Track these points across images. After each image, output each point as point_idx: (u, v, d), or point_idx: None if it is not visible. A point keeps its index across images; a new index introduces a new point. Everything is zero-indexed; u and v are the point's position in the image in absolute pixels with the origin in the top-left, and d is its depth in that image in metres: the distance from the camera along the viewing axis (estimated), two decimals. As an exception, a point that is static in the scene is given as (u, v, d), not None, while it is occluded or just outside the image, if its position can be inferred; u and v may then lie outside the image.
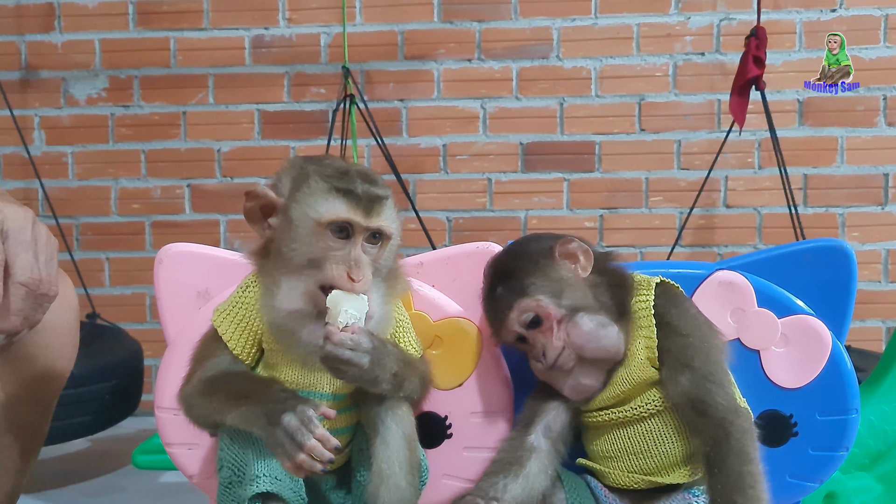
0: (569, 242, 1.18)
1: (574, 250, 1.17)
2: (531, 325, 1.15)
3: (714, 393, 1.11)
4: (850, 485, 1.48)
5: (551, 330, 1.14)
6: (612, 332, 1.14)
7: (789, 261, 1.27)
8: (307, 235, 1.06)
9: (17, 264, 0.90)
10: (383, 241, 1.09)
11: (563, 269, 1.16)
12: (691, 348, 1.13)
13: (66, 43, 2.88)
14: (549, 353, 1.14)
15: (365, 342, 1.03)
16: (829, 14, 2.70)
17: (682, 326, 1.15)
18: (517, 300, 1.15)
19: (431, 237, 2.48)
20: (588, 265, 1.18)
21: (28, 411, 1.18)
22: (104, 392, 2.00)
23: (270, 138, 2.84)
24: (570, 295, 1.14)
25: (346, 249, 1.06)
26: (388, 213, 1.10)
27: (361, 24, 2.81)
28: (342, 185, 1.06)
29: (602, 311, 1.15)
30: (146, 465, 1.93)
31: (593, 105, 2.76)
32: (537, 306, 1.14)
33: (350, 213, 1.05)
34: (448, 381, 1.27)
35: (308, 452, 0.98)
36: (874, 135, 2.69)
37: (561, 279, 1.15)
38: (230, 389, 1.08)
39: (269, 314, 1.09)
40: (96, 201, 2.88)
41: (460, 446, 1.28)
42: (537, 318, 1.15)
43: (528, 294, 1.14)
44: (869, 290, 2.68)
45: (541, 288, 1.14)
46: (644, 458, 1.17)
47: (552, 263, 1.16)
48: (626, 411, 1.16)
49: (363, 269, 1.05)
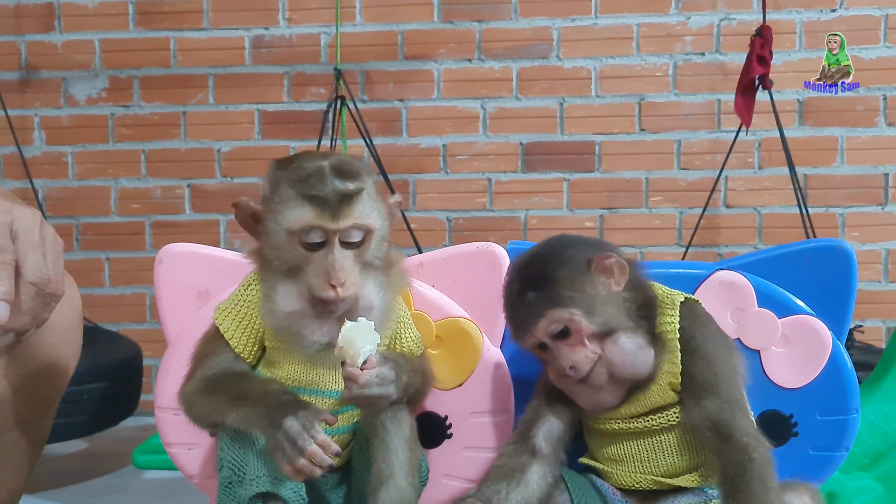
0: (607, 258, 1.14)
1: (611, 266, 1.14)
2: (558, 336, 1.12)
3: (738, 418, 1.09)
4: (850, 485, 1.48)
5: (581, 344, 1.11)
6: (648, 356, 1.13)
7: (789, 261, 1.27)
8: (283, 244, 1.06)
9: (26, 264, 0.90)
10: (365, 234, 1.07)
11: (598, 284, 1.13)
12: (717, 375, 1.12)
13: (66, 43, 2.88)
14: (582, 366, 1.11)
15: (388, 373, 1.04)
16: (829, 14, 2.70)
17: (709, 352, 1.13)
18: (550, 310, 1.11)
19: (430, 237, 2.48)
20: (622, 280, 1.14)
21: (32, 409, 1.18)
22: (97, 392, 1.99)
23: (270, 138, 2.84)
24: (603, 311, 1.12)
25: (324, 253, 1.04)
26: (363, 206, 1.06)
27: (361, 24, 2.81)
28: (308, 190, 1.04)
29: (636, 330, 1.13)
30: (146, 465, 1.92)
31: (593, 105, 2.76)
32: (570, 319, 1.11)
33: (318, 219, 1.03)
34: (448, 381, 1.27)
35: (309, 458, 0.98)
36: (874, 135, 2.69)
37: (596, 294, 1.12)
38: (231, 390, 1.08)
39: (269, 318, 1.09)
40: (96, 201, 2.88)
41: (460, 446, 1.28)
42: (567, 329, 1.12)
43: (564, 305, 1.11)
44: (869, 290, 2.68)
45: (577, 301, 1.11)
46: (653, 464, 1.17)
47: (588, 276, 1.13)
48: (641, 423, 1.16)
49: (343, 273, 1.03)
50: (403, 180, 2.76)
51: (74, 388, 1.87)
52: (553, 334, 1.12)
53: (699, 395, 1.11)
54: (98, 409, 2.02)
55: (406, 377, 1.09)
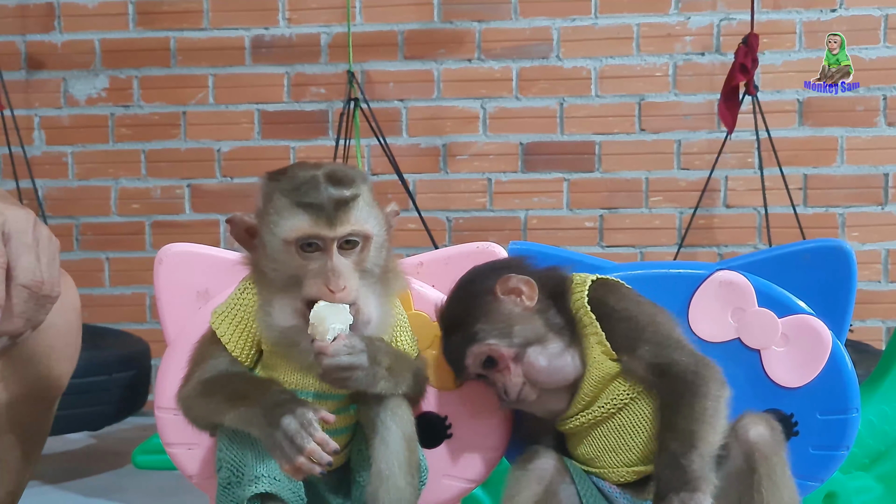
0: (507, 280, 1.18)
1: (515, 285, 1.18)
2: (487, 365, 1.17)
3: (675, 353, 1.13)
4: (850, 485, 1.48)
5: (508, 369, 1.16)
6: (566, 361, 1.16)
7: (789, 261, 1.27)
8: (280, 255, 1.06)
9: (19, 266, 0.90)
10: (363, 241, 1.07)
11: (509, 305, 1.17)
12: (638, 326, 1.15)
13: (66, 43, 2.88)
14: (511, 390, 1.16)
15: (357, 343, 1.04)
16: (829, 14, 2.70)
17: (623, 308, 1.17)
18: (468, 347, 1.17)
19: (430, 237, 2.48)
20: (533, 293, 1.18)
21: (30, 411, 1.18)
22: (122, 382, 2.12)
23: (270, 138, 2.84)
24: (520, 330, 1.16)
25: (322, 261, 1.04)
26: (360, 212, 1.05)
27: (361, 24, 2.81)
28: (302, 199, 1.03)
29: (554, 335, 1.16)
30: (146, 465, 1.93)
31: (593, 105, 2.76)
32: (489, 350, 1.16)
33: (314, 227, 1.03)
34: (448, 382, 1.26)
35: (307, 456, 0.98)
36: (874, 135, 2.69)
37: (509, 316, 1.16)
38: (228, 390, 1.08)
39: (266, 331, 1.09)
40: (96, 201, 2.88)
41: (460, 446, 1.28)
42: (491, 359, 1.16)
43: (478, 340, 1.16)
44: (869, 290, 2.68)
45: (489, 332, 1.16)
46: (623, 451, 1.17)
47: (496, 303, 1.17)
48: (594, 412, 1.17)
49: (342, 279, 1.03)
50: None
51: (102, 377, 2.04)
52: (482, 366, 1.17)
53: (632, 349, 1.14)
54: (123, 397, 2.12)
55: (387, 359, 1.08)
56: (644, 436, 1.16)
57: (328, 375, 1.04)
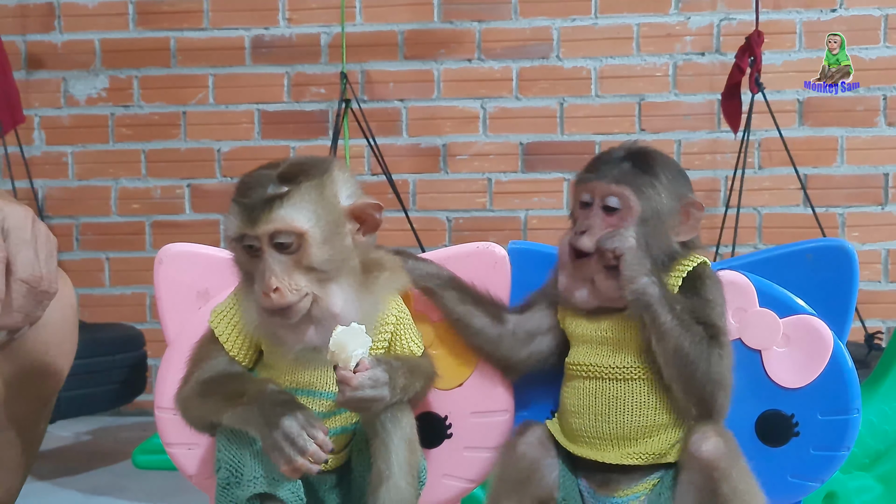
0: (701, 209, 1.21)
1: (698, 218, 1.21)
2: (605, 209, 1.17)
3: (711, 313, 1.16)
4: (851, 485, 1.48)
5: (620, 224, 1.16)
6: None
7: (790, 261, 1.27)
8: (234, 255, 1.08)
9: (18, 261, 0.90)
10: (297, 239, 1.03)
11: (675, 220, 1.19)
12: (704, 301, 1.17)
13: (66, 43, 2.88)
14: (595, 231, 1.16)
15: (381, 375, 1.03)
16: (829, 14, 2.70)
17: (706, 292, 1.18)
18: (635, 179, 1.17)
19: (430, 237, 2.48)
20: (688, 235, 1.21)
21: (27, 408, 1.18)
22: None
23: (270, 138, 2.84)
24: (655, 232, 1.17)
25: (262, 262, 1.04)
26: (289, 209, 1.03)
27: (361, 24, 2.81)
28: (237, 197, 1.05)
29: (652, 261, 1.16)
30: (146, 465, 1.93)
31: (593, 105, 2.76)
32: (633, 203, 1.16)
33: (240, 227, 1.04)
34: (448, 381, 1.26)
35: (308, 457, 0.99)
36: (874, 135, 2.69)
37: (665, 221, 1.18)
38: (227, 390, 1.08)
39: (250, 326, 1.10)
40: (96, 201, 2.88)
41: (460, 446, 1.28)
42: (618, 208, 1.17)
43: (645, 191, 1.17)
44: (869, 290, 2.68)
45: (654, 201, 1.17)
46: (604, 421, 1.17)
47: (678, 207, 1.19)
48: (601, 369, 1.18)
49: (274, 279, 1.01)
50: (403, 180, 2.76)
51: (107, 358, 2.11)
52: (605, 203, 1.18)
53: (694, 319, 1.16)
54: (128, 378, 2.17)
55: (403, 380, 1.08)
56: (627, 416, 1.17)
57: (349, 405, 1.04)
